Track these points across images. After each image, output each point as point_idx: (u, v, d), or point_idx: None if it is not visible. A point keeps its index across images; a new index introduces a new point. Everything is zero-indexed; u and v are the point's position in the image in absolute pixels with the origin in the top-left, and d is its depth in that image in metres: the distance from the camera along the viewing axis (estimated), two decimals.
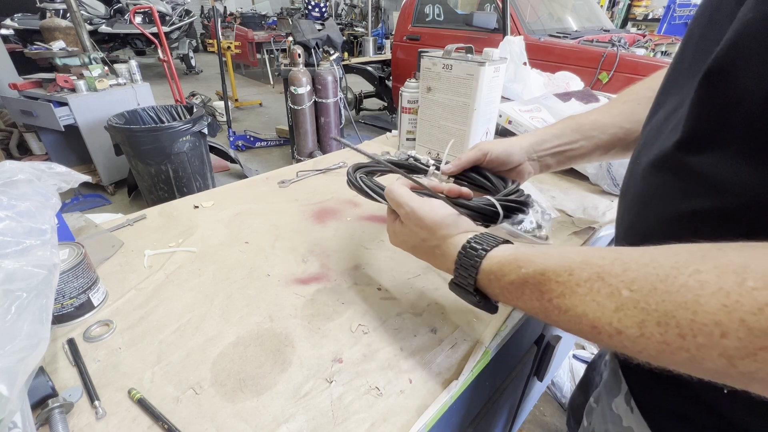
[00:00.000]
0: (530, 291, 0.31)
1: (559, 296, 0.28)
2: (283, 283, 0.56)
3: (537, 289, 0.30)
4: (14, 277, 0.34)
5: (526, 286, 0.31)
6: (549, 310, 0.29)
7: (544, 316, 0.30)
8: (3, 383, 0.28)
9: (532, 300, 0.31)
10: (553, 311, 0.29)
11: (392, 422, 0.38)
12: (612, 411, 0.46)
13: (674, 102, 0.36)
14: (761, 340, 0.19)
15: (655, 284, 0.23)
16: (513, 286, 0.33)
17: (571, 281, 0.28)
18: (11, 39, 4.62)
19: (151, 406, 0.38)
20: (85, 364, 0.42)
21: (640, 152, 0.40)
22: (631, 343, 0.24)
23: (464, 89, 0.82)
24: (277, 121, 4.47)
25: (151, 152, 2.14)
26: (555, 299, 0.29)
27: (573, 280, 0.28)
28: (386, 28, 6.57)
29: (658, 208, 0.35)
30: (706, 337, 0.21)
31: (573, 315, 0.27)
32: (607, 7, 6.60)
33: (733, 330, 0.20)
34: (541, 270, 0.30)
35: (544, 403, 1.39)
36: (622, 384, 0.45)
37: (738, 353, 0.20)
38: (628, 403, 0.43)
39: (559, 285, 0.29)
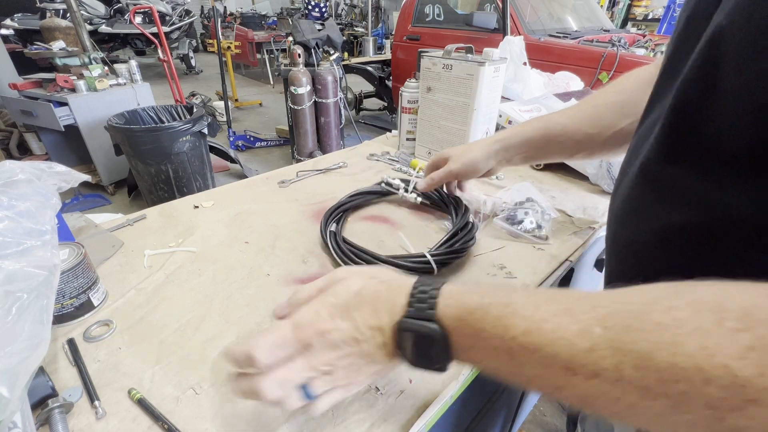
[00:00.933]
0: (492, 327, 0.26)
1: (524, 334, 0.24)
2: (283, 283, 0.56)
3: (500, 324, 0.26)
4: (15, 277, 0.33)
5: (487, 320, 0.26)
6: (515, 352, 0.25)
7: (508, 361, 0.25)
8: (4, 385, 0.28)
9: (494, 339, 0.26)
10: (520, 352, 0.24)
11: (392, 422, 0.38)
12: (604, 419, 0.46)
13: (659, 110, 0.36)
14: (749, 392, 0.17)
15: (629, 322, 0.21)
16: (473, 318, 0.27)
17: (538, 317, 0.24)
18: (11, 39, 4.62)
19: (151, 406, 0.38)
20: (84, 364, 0.42)
21: (629, 160, 0.40)
22: (609, 388, 0.21)
23: (464, 89, 0.82)
24: (277, 121, 4.47)
25: (151, 152, 2.14)
26: (520, 338, 0.24)
27: (539, 316, 0.24)
28: (386, 28, 6.57)
29: (639, 217, 0.35)
30: (688, 384, 0.19)
31: (542, 356, 0.23)
32: (607, 7, 6.60)
33: (717, 377, 0.18)
34: (506, 302, 0.26)
35: (544, 403, 1.39)
36: None
37: (724, 404, 0.18)
38: None
39: (525, 320, 0.25)
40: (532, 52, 1.50)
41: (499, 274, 0.58)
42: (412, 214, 0.74)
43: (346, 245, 0.58)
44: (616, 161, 0.77)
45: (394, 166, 0.95)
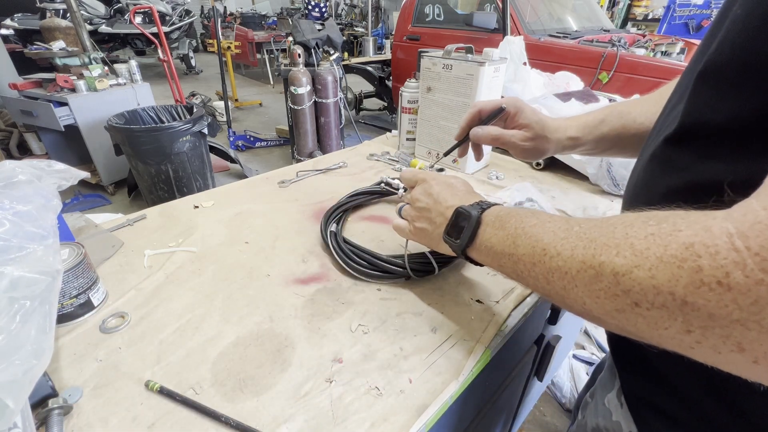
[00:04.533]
0: (515, 221, 0.38)
1: (531, 226, 0.35)
2: (283, 283, 0.56)
3: (519, 221, 0.37)
4: (18, 284, 0.33)
5: (514, 218, 0.38)
6: (518, 236, 0.36)
7: (510, 244, 0.37)
8: (9, 397, 0.27)
9: (510, 228, 0.37)
10: (521, 236, 0.36)
11: (392, 422, 0.38)
12: (604, 405, 0.47)
13: (675, 100, 0.37)
14: (639, 260, 0.24)
15: (599, 225, 0.29)
16: (507, 217, 0.39)
17: (546, 219, 0.35)
18: (11, 39, 4.62)
19: (172, 392, 0.39)
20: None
21: (644, 148, 0.42)
22: (562, 263, 0.30)
23: (464, 89, 0.82)
24: (277, 121, 4.47)
25: (151, 152, 2.14)
26: (527, 228, 0.36)
27: (547, 218, 0.35)
28: (386, 28, 6.57)
29: (645, 199, 0.37)
30: (606, 255, 0.27)
31: (533, 239, 0.34)
32: (607, 7, 6.60)
33: (624, 250, 0.26)
34: (535, 212, 0.38)
35: (544, 403, 1.39)
36: (616, 380, 0.46)
37: (622, 269, 0.25)
38: (619, 399, 0.45)
39: (536, 219, 0.36)
40: (532, 52, 1.50)
41: (499, 274, 0.58)
42: None
43: (346, 245, 0.58)
44: (616, 161, 0.77)
45: (394, 166, 0.95)
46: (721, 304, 0.21)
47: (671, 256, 0.23)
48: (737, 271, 0.20)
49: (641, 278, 0.24)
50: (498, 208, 0.41)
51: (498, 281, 0.57)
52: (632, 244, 0.25)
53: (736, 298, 0.20)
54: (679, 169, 0.33)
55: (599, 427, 0.48)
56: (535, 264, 0.33)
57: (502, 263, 0.38)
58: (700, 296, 0.21)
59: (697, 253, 0.22)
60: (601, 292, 0.27)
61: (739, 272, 0.20)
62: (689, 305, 0.22)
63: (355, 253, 0.57)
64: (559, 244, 0.31)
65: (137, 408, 0.38)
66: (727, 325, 0.21)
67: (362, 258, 0.56)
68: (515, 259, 0.36)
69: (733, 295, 0.20)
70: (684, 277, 0.22)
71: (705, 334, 0.22)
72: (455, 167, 0.92)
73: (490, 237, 0.39)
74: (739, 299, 0.20)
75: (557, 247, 0.31)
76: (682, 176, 0.32)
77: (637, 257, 0.24)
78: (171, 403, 0.39)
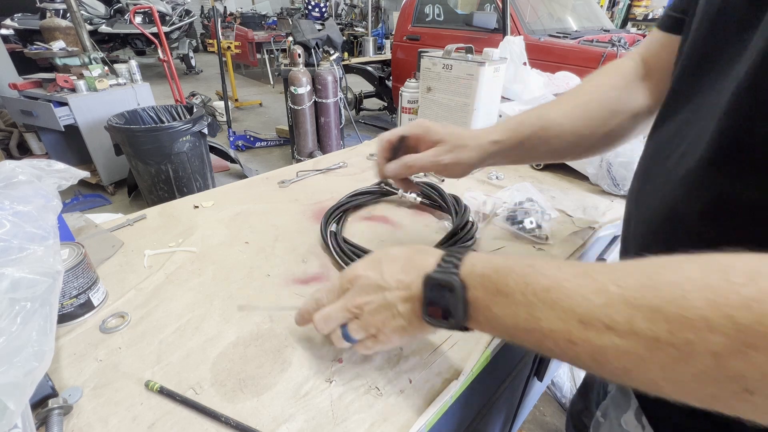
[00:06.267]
0: (514, 282, 0.28)
1: (545, 290, 0.27)
2: (283, 283, 0.56)
3: (522, 281, 0.28)
4: (19, 285, 0.33)
5: (511, 277, 0.29)
6: (534, 306, 0.27)
7: (527, 316, 0.28)
8: (10, 399, 0.27)
9: (515, 294, 0.28)
10: (539, 306, 0.27)
11: (392, 422, 0.38)
12: (621, 427, 0.45)
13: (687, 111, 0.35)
14: (749, 337, 0.19)
15: (642, 281, 0.23)
16: (497, 275, 0.30)
17: (559, 276, 0.27)
18: (11, 39, 4.62)
19: (172, 392, 0.39)
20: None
21: (650, 161, 0.40)
22: (620, 341, 0.23)
23: (464, 89, 0.82)
24: (277, 121, 4.47)
25: (151, 152, 2.14)
26: (540, 293, 0.27)
27: (561, 276, 0.27)
28: (386, 28, 6.58)
29: (689, 220, 0.34)
30: (694, 333, 0.20)
31: (560, 310, 0.26)
32: (607, 7, 6.60)
33: (720, 326, 0.19)
34: (529, 263, 0.29)
35: (544, 403, 1.39)
36: (631, 400, 0.44)
37: (726, 350, 0.19)
38: (639, 420, 0.42)
39: (546, 278, 0.27)
40: (532, 52, 1.50)
41: None
42: (412, 214, 0.74)
43: (346, 245, 0.58)
44: (615, 161, 0.77)
45: None
46: None
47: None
48: None
49: (761, 362, 0.19)
50: (479, 263, 0.32)
51: None
52: (730, 315, 0.19)
53: None
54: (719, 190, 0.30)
55: None
56: (574, 342, 0.25)
57: (520, 338, 0.29)
58: None
59: None
60: (690, 376, 0.21)
61: None
62: None
63: (355, 253, 0.57)
64: (602, 313, 0.24)
65: (137, 408, 0.38)
66: None
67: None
68: (540, 335, 0.27)
69: None
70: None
71: None
72: None
73: (488, 305, 0.30)
74: None
75: (602, 318, 0.24)
76: (723, 197, 0.30)
77: (745, 334, 0.19)
78: (171, 403, 0.39)
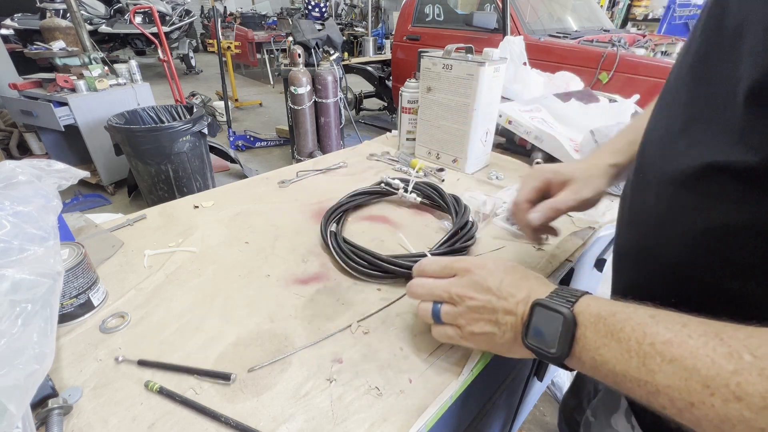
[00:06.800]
0: (631, 329, 0.27)
1: (665, 343, 0.25)
2: (283, 283, 0.56)
3: (640, 330, 0.26)
4: (20, 286, 0.33)
5: (628, 323, 0.27)
6: (650, 358, 0.25)
7: (639, 366, 0.26)
8: (11, 402, 0.27)
9: (630, 341, 0.27)
10: (656, 359, 0.25)
11: (392, 422, 0.38)
12: (612, 427, 0.45)
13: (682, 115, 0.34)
14: None
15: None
16: (613, 319, 0.29)
17: (683, 332, 0.25)
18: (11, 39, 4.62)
19: (172, 392, 0.39)
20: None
21: (643, 165, 0.39)
22: (751, 415, 0.21)
23: (464, 89, 0.82)
24: (277, 121, 4.47)
25: (151, 152, 2.14)
26: (659, 345, 0.25)
27: (685, 332, 0.25)
28: (386, 28, 6.57)
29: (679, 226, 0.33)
30: None
31: (680, 367, 0.24)
32: (607, 7, 6.60)
33: None
34: (652, 313, 0.27)
35: (544, 403, 1.39)
36: (621, 401, 0.44)
37: None
38: (629, 420, 0.42)
39: (668, 331, 0.25)
40: (532, 52, 1.50)
41: None
42: (412, 214, 0.74)
43: (346, 245, 0.58)
44: None
45: (394, 166, 0.95)
46: None
47: None
48: None
49: None
50: (595, 304, 0.31)
51: None
52: None
53: None
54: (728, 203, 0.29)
55: None
56: (694, 405, 0.23)
57: (627, 387, 0.27)
58: None
59: None
60: None
61: None
62: None
63: (355, 253, 0.57)
64: (732, 381, 0.21)
65: (137, 408, 0.38)
66: None
67: (362, 258, 0.56)
68: (651, 389, 0.25)
69: None
70: None
71: None
72: (455, 167, 0.92)
73: (597, 347, 0.29)
74: None
75: (731, 386, 0.21)
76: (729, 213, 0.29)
77: None
78: (171, 403, 0.39)
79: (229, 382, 0.40)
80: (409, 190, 0.74)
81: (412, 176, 0.86)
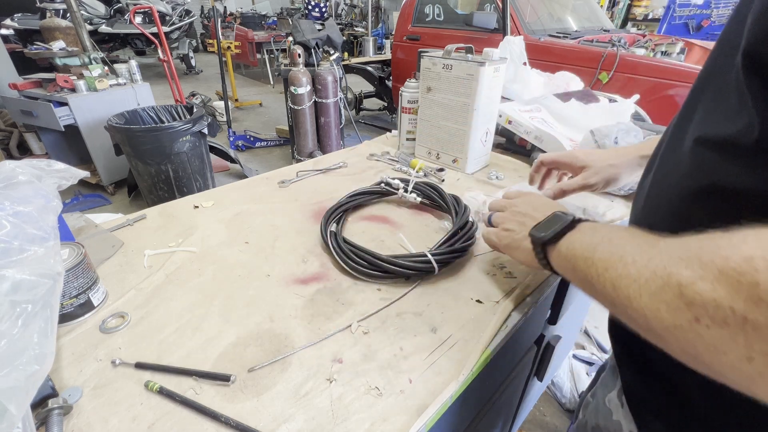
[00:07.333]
0: (607, 231, 0.37)
1: (615, 238, 0.34)
2: (283, 283, 0.56)
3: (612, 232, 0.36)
4: (20, 287, 0.33)
5: (605, 230, 0.38)
6: (600, 244, 0.35)
7: (592, 251, 0.35)
8: (12, 403, 0.27)
9: (595, 237, 0.37)
10: (601, 244, 0.35)
11: (392, 422, 0.38)
12: (605, 405, 0.48)
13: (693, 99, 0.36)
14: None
15: (684, 240, 0.27)
16: (600, 227, 0.39)
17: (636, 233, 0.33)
18: (11, 39, 4.62)
19: (172, 392, 0.39)
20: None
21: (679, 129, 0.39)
22: (635, 271, 0.28)
23: (464, 89, 0.82)
24: (277, 121, 4.47)
25: (151, 152, 2.14)
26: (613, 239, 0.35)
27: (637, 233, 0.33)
28: (386, 28, 6.57)
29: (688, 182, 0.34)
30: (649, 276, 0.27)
31: (617, 245, 0.33)
32: (607, 7, 6.60)
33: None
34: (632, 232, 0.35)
35: (544, 403, 1.39)
36: (617, 380, 0.47)
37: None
38: (620, 398, 0.45)
39: (627, 231, 0.35)
40: (532, 52, 1.50)
41: (499, 274, 0.58)
42: (412, 214, 0.74)
43: (346, 245, 0.58)
44: None
45: (394, 166, 0.95)
46: None
47: (731, 268, 0.22)
48: None
49: (703, 290, 0.23)
50: (597, 223, 0.41)
51: (498, 281, 0.57)
52: (700, 256, 0.24)
53: None
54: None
55: (599, 426, 0.48)
56: (607, 269, 0.32)
57: (576, 266, 0.37)
58: (760, 313, 0.20)
59: (755, 267, 0.20)
60: (663, 304, 0.25)
61: None
62: (750, 323, 0.20)
63: (355, 253, 0.57)
64: (638, 254, 0.29)
65: (137, 408, 0.38)
66: None
67: (362, 258, 0.56)
68: (589, 263, 0.34)
69: None
70: (743, 292, 0.21)
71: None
72: (455, 167, 0.92)
73: (575, 240, 0.39)
74: None
75: (635, 256, 0.29)
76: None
77: (702, 269, 0.23)
78: (171, 403, 0.39)
79: (228, 383, 0.40)
80: (409, 190, 0.74)
81: (412, 176, 0.86)
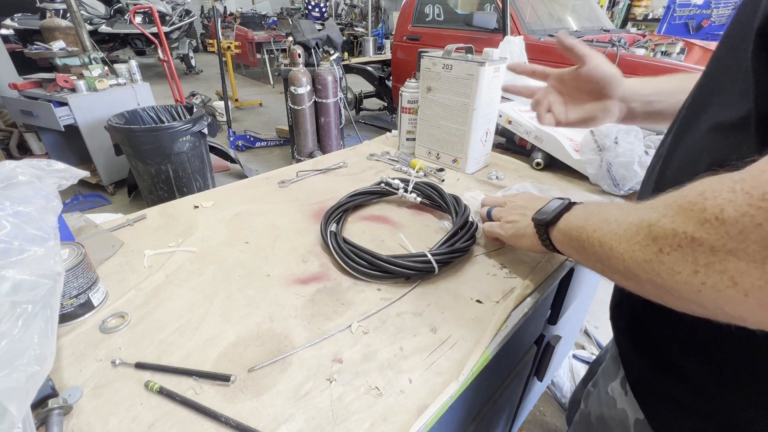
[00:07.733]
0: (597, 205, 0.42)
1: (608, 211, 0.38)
2: (283, 283, 0.56)
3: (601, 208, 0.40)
4: (20, 287, 0.33)
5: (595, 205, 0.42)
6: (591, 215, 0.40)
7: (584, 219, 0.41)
8: (12, 404, 0.27)
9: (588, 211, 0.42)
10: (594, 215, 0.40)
11: (392, 422, 0.38)
12: (608, 394, 0.49)
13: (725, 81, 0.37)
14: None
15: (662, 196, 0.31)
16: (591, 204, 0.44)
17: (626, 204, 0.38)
18: (11, 39, 4.62)
19: (172, 392, 0.39)
20: None
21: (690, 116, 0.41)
22: (617, 226, 0.33)
23: (464, 89, 0.82)
24: (277, 121, 4.47)
25: (151, 152, 2.14)
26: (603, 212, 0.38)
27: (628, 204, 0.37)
28: (386, 28, 6.58)
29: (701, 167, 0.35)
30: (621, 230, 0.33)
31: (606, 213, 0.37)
32: (607, 7, 6.60)
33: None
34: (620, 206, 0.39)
35: (544, 403, 1.39)
36: (619, 369, 0.47)
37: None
38: (623, 387, 0.46)
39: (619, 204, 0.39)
40: (532, 52, 1.50)
41: (499, 274, 0.58)
42: (412, 214, 0.74)
43: (346, 245, 0.58)
44: (616, 161, 0.77)
45: (394, 166, 0.95)
46: (717, 236, 0.24)
47: (688, 202, 0.27)
48: (730, 207, 0.24)
49: (665, 224, 0.28)
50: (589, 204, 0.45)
51: (498, 281, 0.57)
52: (666, 200, 0.29)
53: (728, 229, 0.23)
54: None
55: (603, 415, 0.48)
56: (595, 230, 0.37)
57: (572, 236, 0.42)
58: (704, 231, 0.25)
59: (705, 197, 0.25)
60: (636, 245, 0.30)
61: (731, 208, 0.24)
62: (696, 241, 0.25)
63: (355, 253, 0.57)
64: (620, 214, 0.34)
65: (137, 408, 0.38)
66: (723, 259, 0.24)
67: (362, 258, 0.56)
68: (581, 230, 0.40)
69: (726, 227, 0.24)
70: (693, 218, 0.26)
71: (708, 272, 0.25)
72: (455, 167, 0.92)
73: (572, 217, 0.44)
74: (730, 230, 0.23)
75: (617, 216, 0.34)
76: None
77: (666, 209, 0.28)
78: (171, 403, 0.39)
79: (228, 383, 0.40)
80: (409, 190, 0.74)
81: (412, 176, 0.86)
